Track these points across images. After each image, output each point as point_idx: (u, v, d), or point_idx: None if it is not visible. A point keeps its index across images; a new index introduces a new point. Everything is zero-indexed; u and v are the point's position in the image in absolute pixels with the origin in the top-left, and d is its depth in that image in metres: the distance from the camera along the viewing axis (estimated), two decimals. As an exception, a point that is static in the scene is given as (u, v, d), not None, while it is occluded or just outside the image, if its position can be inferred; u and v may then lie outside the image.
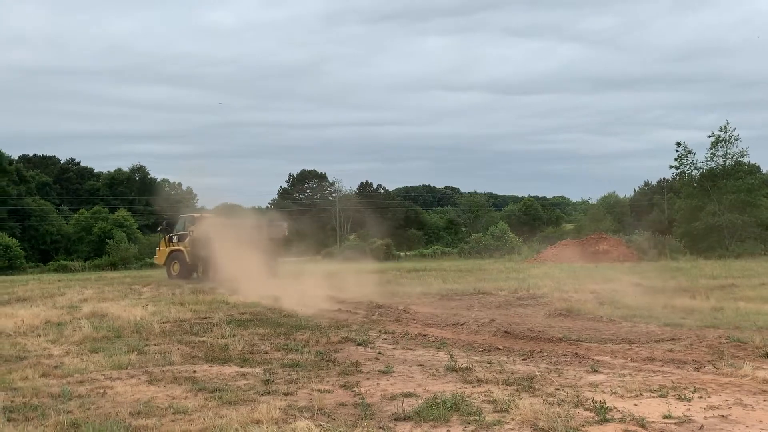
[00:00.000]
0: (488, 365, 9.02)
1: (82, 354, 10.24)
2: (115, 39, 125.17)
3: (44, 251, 56.95)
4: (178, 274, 27.03)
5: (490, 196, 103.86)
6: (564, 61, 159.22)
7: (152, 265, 36.36)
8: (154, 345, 11.02)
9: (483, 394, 7.31)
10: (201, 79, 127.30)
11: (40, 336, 12.16)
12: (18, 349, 10.84)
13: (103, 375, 8.76)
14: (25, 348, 10.93)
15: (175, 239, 28.13)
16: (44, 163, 75.03)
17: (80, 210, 61.30)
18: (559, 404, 6.78)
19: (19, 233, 54.44)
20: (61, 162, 76.67)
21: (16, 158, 67.85)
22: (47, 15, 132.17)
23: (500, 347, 10.63)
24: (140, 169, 72.59)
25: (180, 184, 67.83)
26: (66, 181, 73.59)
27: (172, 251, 27.88)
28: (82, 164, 77.17)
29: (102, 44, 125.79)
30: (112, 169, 73.99)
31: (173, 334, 12.17)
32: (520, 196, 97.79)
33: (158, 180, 70.76)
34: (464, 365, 8.90)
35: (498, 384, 7.84)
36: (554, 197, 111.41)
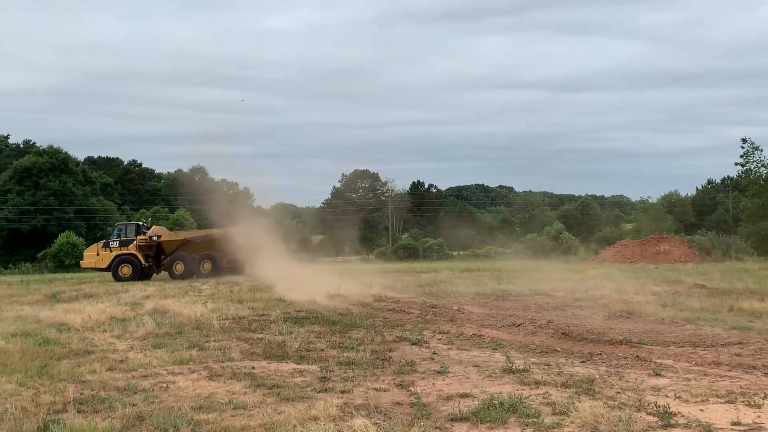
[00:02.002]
0: (546, 367, 8.88)
1: (145, 349, 10.57)
2: (180, 44, 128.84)
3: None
4: (129, 276, 29.12)
5: (546, 195, 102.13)
6: (623, 58, 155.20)
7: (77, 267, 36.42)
8: (214, 341, 11.27)
9: (541, 397, 7.20)
10: (260, 82, 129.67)
11: (105, 331, 12.62)
12: (86, 343, 11.27)
13: (166, 370, 9.02)
14: (92, 342, 11.36)
15: (115, 244, 30.09)
16: (108, 164, 77.79)
17: (141, 210, 63.32)
18: (620, 408, 6.62)
19: (85, 232, 56.58)
20: (124, 163, 79.36)
21: (82, 160, 70.57)
22: (115, 22, 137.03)
23: (558, 349, 10.45)
24: (200, 170, 74.33)
25: (237, 184, 69.25)
26: (128, 181, 76.12)
27: (119, 255, 29.77)
28: (143, 165, 79.75)
29: (167, 49, 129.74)
30: (172, 170, 76.11)
31: (232, 331, 12.43)
32: (576, 195, 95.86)
33: (217, 180, 72.36)
34: (521, 367, 8.79)
35: (556, 386, 7.71)
36: (613, 196, 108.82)
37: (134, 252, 29.70)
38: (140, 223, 32.18)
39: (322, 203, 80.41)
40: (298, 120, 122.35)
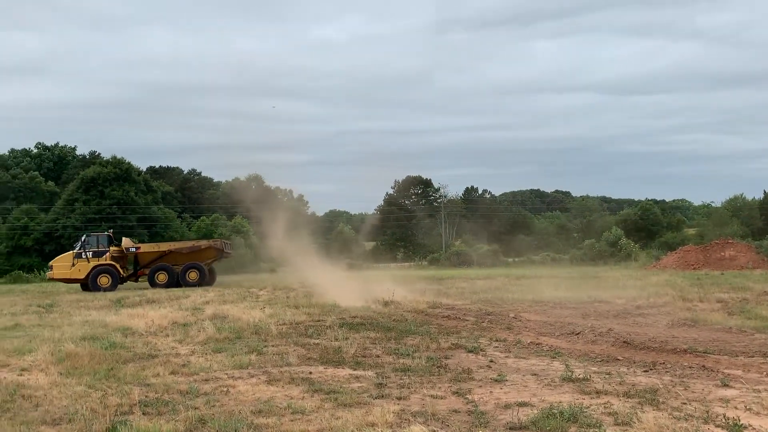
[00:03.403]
0: (607, 376, 8.67)
1: (206, 353, 10.82)
2: (235, 56, 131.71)
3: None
4: (108, 287, 29.03)
5: (604, 199, 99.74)
6: (680, 59, 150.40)
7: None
8: (272, 346, 11.45)
9: (602, 406, 7.03)
10: (314, 92, 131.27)
11: (168, 336, 12.97)
12: (149, 347, 11.61)
13: (226, 374, 9.20)
14: (156, 347, 11.69)
15: (89, 255, 29.84)
16: (169, 173, 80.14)
17: (201, 217, 64.98)
18: (686, 419, 6.41)
19: (147, 239, 58.42)
20: (184, 172, 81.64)
21: (144, 169, 72.89)
22: (173, 37, 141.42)
23: (619, 358, 10.20)
24: (256, 178, 75.72)
25: (291, 192, 70.32)
26: (188, 190, 78.22)
27: (97, 266, 29.58)
28: (202, 174, 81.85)
29: (222, 61, 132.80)
30: (230, 178, 77.65)
31: (289, 336, 12.59)
32: (636, 199, 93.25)
33: (273, 188, 73.49)
34: (581, 376, 8.60)
35: (618, 396, 7.52)
36: (674, 200, 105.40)
37: (112, 262, 29.85)
38: (109, 233, 32.13)
39: (375, 210, 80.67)
40: (350, 128, 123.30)
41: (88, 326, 14.68)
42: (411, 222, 74.38)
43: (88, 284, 29.19)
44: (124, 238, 32.65)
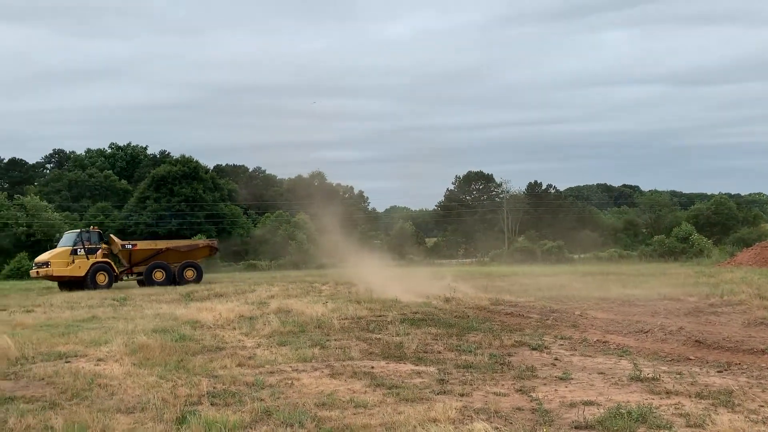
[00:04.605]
0: (678, 376, 8.38)
1: (271, 347, 11.04)
2: (299, 57, 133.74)
3: (236, 252, 62.27)
4: (105, 285, 28.55)
5: (674, 194, 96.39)
6: (755, 47, 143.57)
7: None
8: (335, 340, 11.58)
9: (673, 407, 6.80)
10: (379, 90, 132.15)
11: (235, 329, 13.29)
12: (217, 340, 11.94)
13: (290, 367, 9.37)
14: (223, 339, 12.01)
15: (82, 251, 29.06)
16: (235, 171, 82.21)
17: (266, 214, 66.35)
18: (764, 422, 6.13)
19: (215, 235, 60.09)
20: (250, 170, 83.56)
21: (211, 168, 74.95)
22: (242, 39, 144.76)
23: (691, 357, 9.85)
24: (319, 175, 76.72)
25: (352, 188, 70.90)
26: (253, 187, 80.00)
27: (96, 263, 28.96)
28: (267, 172, 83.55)
29: (287, 62, 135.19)
30: (293, 176, 78.98)
31: (351, 331, 12.72)
32: (709, 193, 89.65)
33: (334, 184, 74.36)
34: (650, 375, 8.35)
35: (690, 397, 7.25)
36: (749, 194, 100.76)
37: (108, 260, 29.60)
38: (94, 229, 31.52)
39: (436, 206, 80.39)
40: (414, 124, 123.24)
41: (159, 319, 15.21)
42: (473, 218, 73.76)
43: (87, 282, 28.42)
44: (111, 236, 32.24)
